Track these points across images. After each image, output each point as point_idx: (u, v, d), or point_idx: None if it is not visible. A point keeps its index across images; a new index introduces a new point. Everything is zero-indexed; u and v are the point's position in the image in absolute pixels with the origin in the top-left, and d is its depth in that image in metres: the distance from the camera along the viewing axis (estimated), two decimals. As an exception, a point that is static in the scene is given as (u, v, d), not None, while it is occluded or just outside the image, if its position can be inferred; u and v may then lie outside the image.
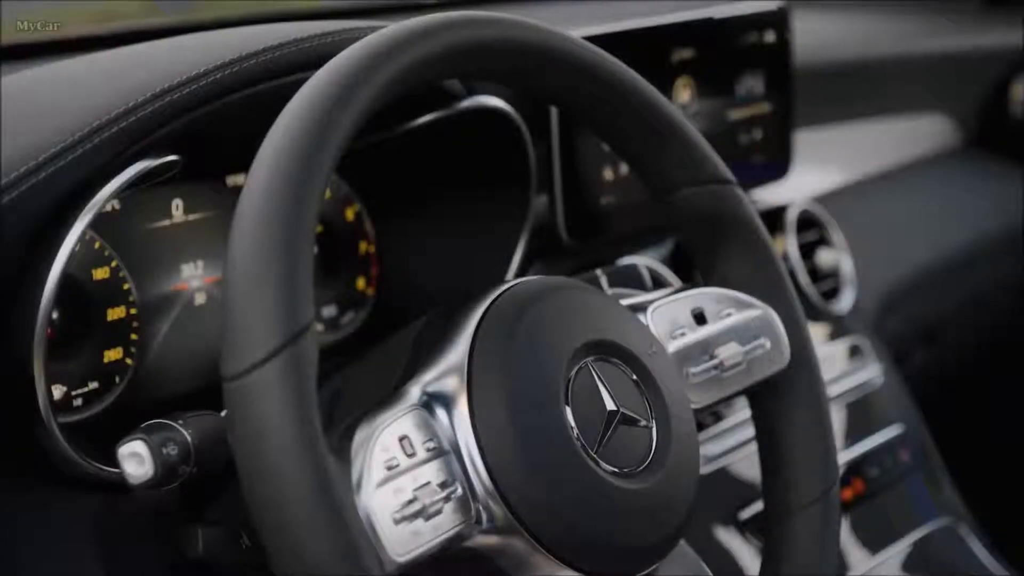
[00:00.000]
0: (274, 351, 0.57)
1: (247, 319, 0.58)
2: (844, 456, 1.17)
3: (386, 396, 0.68)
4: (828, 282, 1.29)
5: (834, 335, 1.28)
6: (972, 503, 1.27)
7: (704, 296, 0.82)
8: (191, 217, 0.88)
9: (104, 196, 0.71)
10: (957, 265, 1.54)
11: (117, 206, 0.83)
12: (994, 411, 1.71)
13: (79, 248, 0.77)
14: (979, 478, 1.36)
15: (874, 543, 1.14)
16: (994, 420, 1.71)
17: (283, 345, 0.57)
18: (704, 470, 1.05)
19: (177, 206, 0.88)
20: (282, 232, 0.59)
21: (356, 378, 0.78)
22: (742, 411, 1.10)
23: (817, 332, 1.26)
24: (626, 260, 1.06)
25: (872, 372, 1.27)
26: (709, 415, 1.09)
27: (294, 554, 0.57)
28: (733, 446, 1.09)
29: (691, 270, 1.11)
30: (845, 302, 1.29)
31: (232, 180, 0.91)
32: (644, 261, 1.04)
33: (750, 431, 0.85)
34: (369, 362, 0.79)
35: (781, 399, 0.83)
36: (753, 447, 0.84)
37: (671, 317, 0.80)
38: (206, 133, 0.76)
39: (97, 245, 0.82)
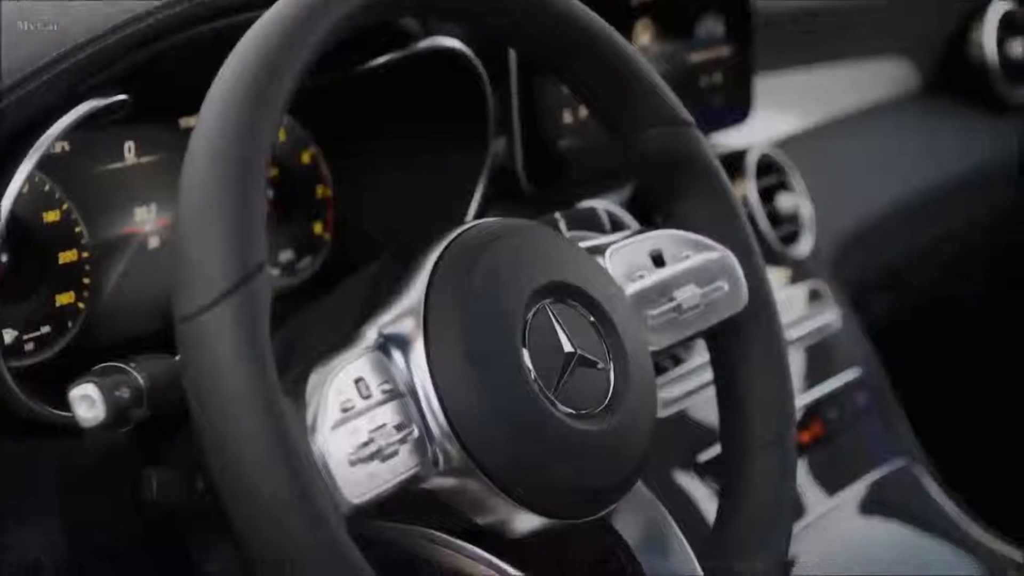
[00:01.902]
0: (226, 292, 0.57)
1: (199, 259, 0.57)
2: (802, 399, 1.17)
3: (342, 339, 0.67)
4: (787, 226, 1.29)
5: (793, 279, 1.28)
6: (928, 445, 1.28)
7: (663, 238, 0.82)
8: (144, 160, 0.87)
9: (51, 136, 0.70)
10: (916, 210, 1.55)
11: (67, 148, 0.82)
12: (951, 355, 1.72)
13: (28, 190, 0.76)
14: (935, 420, 1.37)
15: (831, 484, 1.15)
16: (950, 364, 1.72)
17: (236, 286, 0.57)
18: (663, 413, 1.05)
19: (129, 148, 0.86)
20: (233, 171, 0.59)
21: (312, 322, 0.78)
22: (701, 355, 1.10)
23: (776, 276, 1.27)
24: (585, 204, 1.05)
25: (831, 316, 1.27)
26: (668, 358, 1.09)
27: (248, 497, 0.57)
28: (692, 389, 1.09)
29: (651, 214, 1.10)
30: (804, 246, 1.29)
31: (185, 122, 0.89)
32: (603, 204, 1.04)
33: (709, 375, 0.85)
34: (325, 305, 0.78)
35: (739, 341, 0.83)
36: (712, 391, 0.84)
37: (629, 259, 0.80)
38: (156, 73, 0.75)
39: (47, 188, 0.81)
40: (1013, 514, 1.25)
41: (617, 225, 0.99)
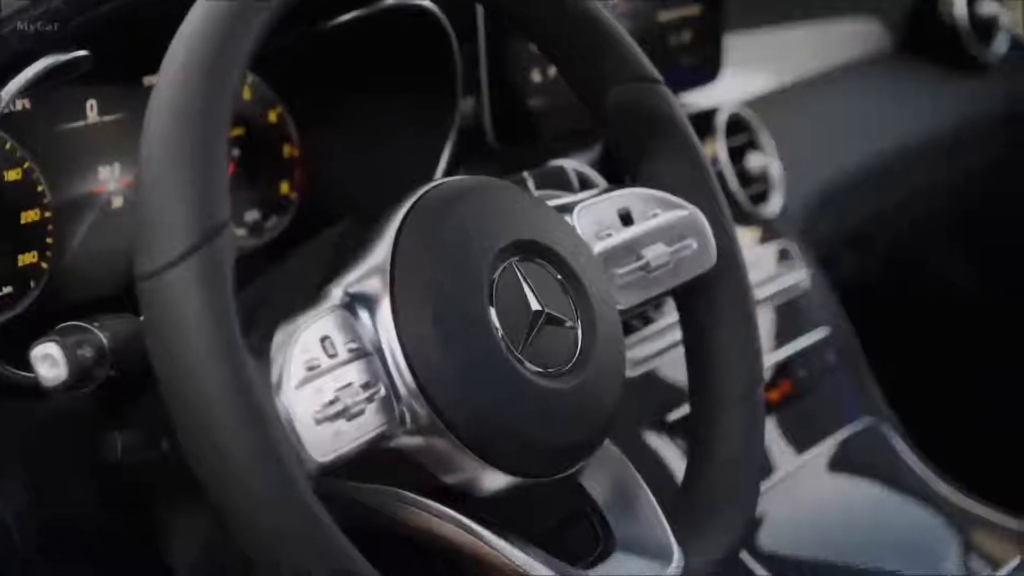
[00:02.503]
0: (189, 250, 0.56)
1: (161, 217, 0.57)
2: (771, 358, 1.18)
3: (307, 298, 0.67)
4: (757, 186, 1.29)
5: (763, 239, 1.28)
6: (896, 403, 1.29)
7: (631, 196, 0.81)
8: (106, 118, 0.86)
9: (10, 93, 0.69)
10: (886, 171, 1.55)
11: (28, 105, 0.81)
12: (918, 314, 1.73)
13: (-12, 148, 0.75)
14: (903, 379, 1.38)
15: (800, 442, 1.16)
16: (918, 323, 1.73)
17: (198, 244, 0.56)
18: (632, 373, 1.05)
19: (92, 107, 0.85)
20: (195, 128, 0.58)
21: (277, 281, 0.77)
22: (670, 314, 1.10)
23: (746, 236, 1.27)
24: (554, 163, 1.05)
25: (800, 275, 1.27)
26: (637, 318, 1.09)
27: (213, 457, 0.56)
28: (661, 349, 1.09)
29: (620, 173, 1.10)
30: (773, 206, 1.29)
31: (149, 80, 0.88)
32: (572, 164, 1.03)
33: (678, 334, 0.85)
34: (290, 265, 0.78)
35: (707, 299, 0.83)
36: (681, 350, 0.84)
37: (597, 218, 0.79)
38: (118, 30, 0.74)
39: (8, 146, 0.80)
40: (978, 471, 1.26)
41: (586, 184, 0.99)
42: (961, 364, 1.79)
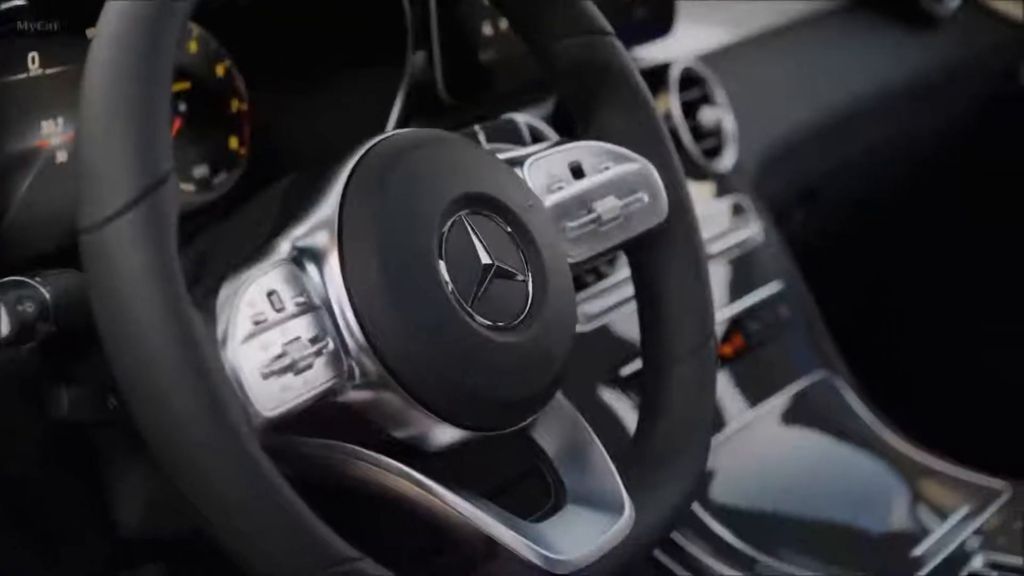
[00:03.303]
0: (131, 202, 0.55)
1: (101, 170, 0.56)
2: (725, 312, 1.18)
3: (254, 252, 0.66)
4: (710, 140, 1.29)
5: (716, 193, 1.28)
6: (848, 357, 1.30)
7: (582, 149, 0.81)
8: (49, 71, 0.84)
9: (-54, 45, 0.68)
10: (839, 124, 1.56)
11: (-34, 59, 0.79)
12: (871, 269, 1.74)
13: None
14: (855, 333, 1.39)
15: (753, 396, 1.16)
16: (871, 277, 1.74)
17: (140, 196, 0.55)
18: (585, 328, 1.05)
19: (33, 59, 0.83)
20: (135, 79, 0.57)
21: (225, 236, 0.76)
22: (623, 269, 1.10)
23: (699, 190, 1.27)
24: (506, 117, 1.04)
25: (753, 230, 1.28)
26: (590, 273, 1.09)
27: (158, 411, 0.56)
28: (615, 304, 1.09)
29: (572, 128, 1.10)
30: (727, 160, 1.29)
31: (92, 32, 0.86)
32: (523, 118, 1.03)
33: (632, 289, 0.85)
34: (238, 220, 0.77)
35: (658, 253, 0.83)
36: (635, 305, 0.84)
37: (548, 171, 0.79)
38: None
39: (-53, 100, 0.79)
40: (928, 423, 1.27)
41: (538, 138, 0.99)
42: (912, 317, 1.81)
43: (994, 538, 0.99)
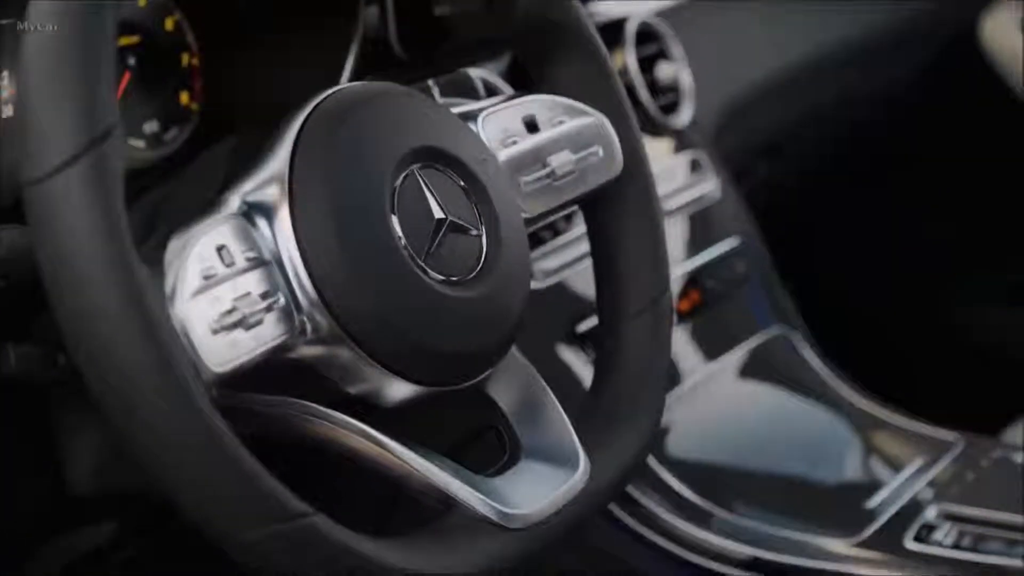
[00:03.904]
0: (75, 155, 0.54)
1: (44, 123, 0.55)
2: (682, 267, 1.18)
3: (203, 207, 0.65)
4: (668, 96, 1.29)
5: (674, 149, 1.28)
6: (804, 312, 1.30)
7: (536, 103, 0.81)
8: (-7, 25, 0.83)
9: None
10: (795, 80, 1.56)
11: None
12: (826, 225, 1.75)
13: None
14: (811, 288, 1.40)
15: (710, 351, 1.17)
16: (826, 234, 1.75)
17: (84, 148, 0.55)
18: (542, 284, 1.05)
19: (-23, 13, 0.82)
20: (78, 30, 0.56)
21: (175, 192, 0.76)
22: (580, 225, 1.10)
23: (657, 146, 1.26)
24: (460, 72, 1.03)
25: (710, 186, 1.28)
26: (547, 229, 1.09)
27: (104, 366, 0.55)
28: (572, 260, 1.09)
29: (528, 83, 1.09)
30: (684, 116, 1.29)
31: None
32: (478, 72, 1.02)
33: (589, 245, 0.85)
34: (187, 175, 0.76)
35: (613, 207, 0.82)
36: (591, 261, 0.84)
37: (502, 125, 0.78)
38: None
39: None
40: (882, 376, 1.28)
41: (492, 92, 0.98)
42: (868, 273, 1.82)
43: (947, 489, 1.00)
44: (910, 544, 0.95)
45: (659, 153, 1.26)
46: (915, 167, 1.80)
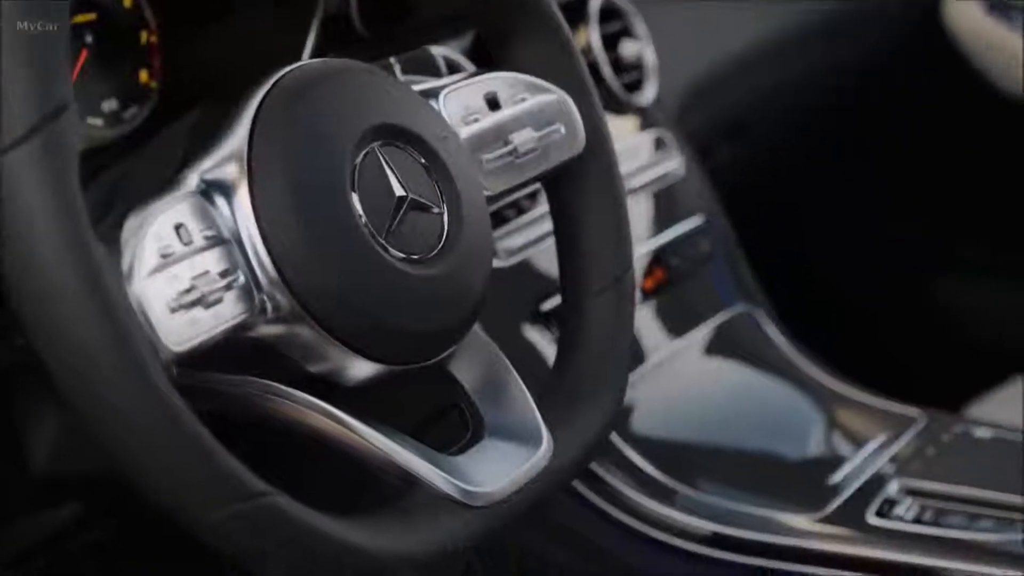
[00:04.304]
0: (28, 132, 0.54)
1: None
2: (646, 245, 1.19)
3: (161, 185, 0.65)
4: (632, 74, 1.28)
5: (638, 127, 1.28)
6: (769, 290, 1.31)
7: (498, 81, 0.80)
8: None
9: None
10: (761, 58, 1.56)
11: None
12: (794, 203, 1.76)
13: None
14: (776, 266, 1.40)
15: (675, 329, 1.17)
16: (790, 212, 1.76)
17: (37, 125, 0.54)
18: (506, 263, 1.05)
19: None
20: (31, 7, 0.55)
21: (133, 170, 0.75)
22: (545, 204, 1.09)
23: (621, 124, 1.26)
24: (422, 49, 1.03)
25: (675, 164, 1.28)
26: (511, 207, 1.08)
27: (61, 345, 0.55)
28: (536, 239, 1.09)
29: (490, 61, 1.09)
30: (648, 94, 1.29)
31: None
32: (441, 50, 1.01)
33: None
34: (145, 154, 0.75)
35: (576, 185, 0.82)
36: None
37: (464, 102, 0.78)
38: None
39: None
40: (845, 354, 1.29)
41: (455, 70, 0.97)
42: (831, 252, 1.83)
43: (908, 464, 1.01)
44: (872, 519, 0.96)
45: (623, 131, 1.26)
46: (879, 147, 1.81)
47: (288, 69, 0.69)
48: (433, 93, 0.77)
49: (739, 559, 0.95)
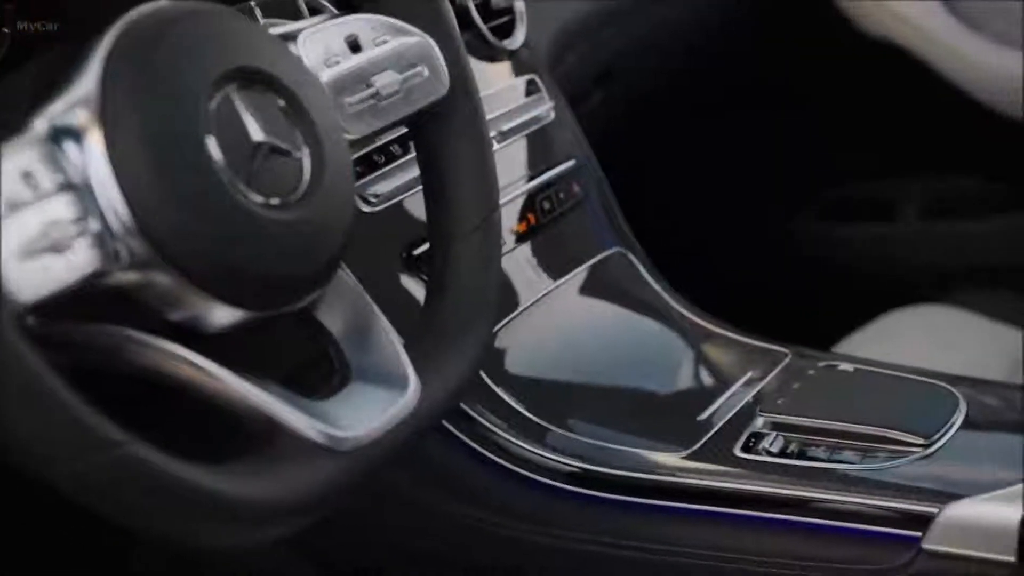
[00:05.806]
0: None
1: None
2: (518, 189, 1.19)
3: (6, 132, 0.63)
4: (502, 19, 1.28)
5: (510, 72, 1.28)
6: (639, 232, 1.32)
7: (359, 23, 0.80)
8: None
9: None
10: (632, 6, 1.56)
11: None
12: (661, 148, 1.78)
13: None
14: (646, 209, 1.42)
15: (548, 271, 1.18)
16: (660, 157, 1.78)
17: None
18: (377, 208, 1.04)
19: None
20: None
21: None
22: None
23: (492, 69, 1.26)
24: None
25: (546, 108, 1.28)
26: (380, 153, 1.08)
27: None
28: (407, 184, 1.08)
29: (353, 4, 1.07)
30: (518, 38, 1.28)
31: None
32: (304, -6, 1.00)
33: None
34: (-8, 99, 0.73)
35: (440, 128, 0.82)
36: (423, 184, 0.84)
37: (324, 45, 0.78)
38: None
39: None
40: (716, 295, 1.31)
41: (317, 13, 0.96)
42: (701, 195, 1.85)
43: (774, 399, 1.03)
44: (739, 452, 0.98)
45: (494, 76, 1.25)
46: (747, 91, 1.83)
47: (140, 10, 0.68)
48: (292, 36, 0.77)
49: (605, 495, 0.96)
